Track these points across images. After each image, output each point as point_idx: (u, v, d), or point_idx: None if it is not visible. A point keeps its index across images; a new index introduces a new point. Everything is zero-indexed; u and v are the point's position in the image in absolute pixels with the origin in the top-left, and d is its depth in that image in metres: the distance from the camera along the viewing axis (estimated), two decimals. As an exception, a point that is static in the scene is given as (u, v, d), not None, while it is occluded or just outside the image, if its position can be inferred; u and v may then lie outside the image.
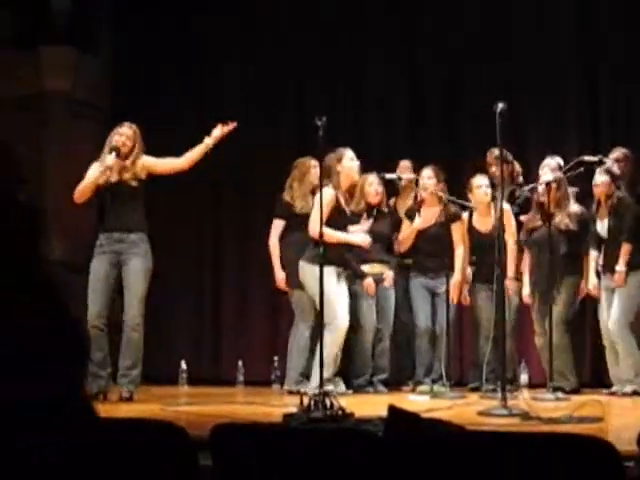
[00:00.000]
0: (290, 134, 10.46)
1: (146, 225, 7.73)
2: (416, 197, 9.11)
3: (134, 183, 7.60)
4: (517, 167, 9.00)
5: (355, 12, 10.51)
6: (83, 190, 7.59)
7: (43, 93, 10.46)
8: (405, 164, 9.36)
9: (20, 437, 0.83)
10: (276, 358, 9.44)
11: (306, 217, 8.25)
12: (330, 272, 7.65)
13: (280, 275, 8.82)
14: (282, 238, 8.85)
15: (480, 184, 8.66)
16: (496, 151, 8.75)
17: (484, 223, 8.69)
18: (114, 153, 7.54)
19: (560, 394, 7.72)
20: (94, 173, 7.58)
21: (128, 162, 7.61)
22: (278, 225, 8.86)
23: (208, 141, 7.71)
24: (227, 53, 10.81)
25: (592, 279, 8.41)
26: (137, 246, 7.60)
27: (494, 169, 8.67)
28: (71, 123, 10.46)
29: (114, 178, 7.58)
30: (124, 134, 7.67)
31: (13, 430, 0.82)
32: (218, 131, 7.73)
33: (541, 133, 9.74)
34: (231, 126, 7.70)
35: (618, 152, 8.60)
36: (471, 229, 8.79)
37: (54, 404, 0.85)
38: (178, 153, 10.68)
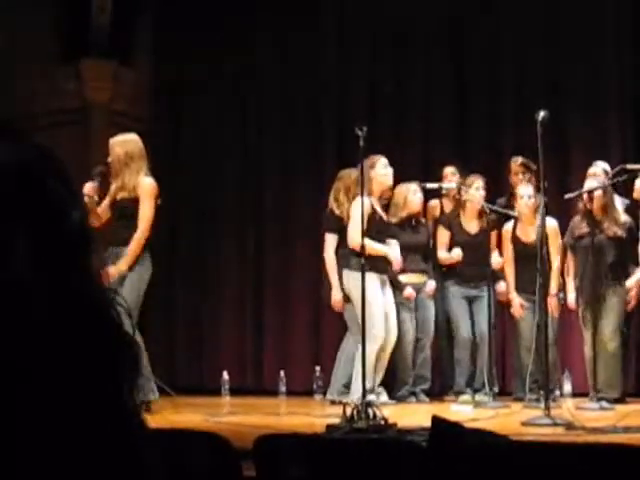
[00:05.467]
0: (331, 142, 10.46)
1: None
2: (457, 204, 9.06)
3: (125, 202, 7.47)
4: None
5: (399, 22, 10.49)
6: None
7: (85, 105, 10.59)
8: (449, 170, 9.27)
9: (70, 446, 0.83)
10: (318, 368, 9.43)
11: None
12: (373, 279, 7.64)
13: (338, 295, 8.42)
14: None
15: (523, 194, 8.58)
16: (520, 159, 8.80)
17: (528, 233, 8.60)
18: (95, 178, 7.47)
19: (604, 403, 7.65)
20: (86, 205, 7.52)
21: (119, 181, 7.52)
22: (331, 239, 8.53)
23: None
24: (268, 64, 10.84)
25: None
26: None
27: (516, 178, 8.76)
28: (112, 134, 10.55)
29: (112, 197, 7.55)
30: (109, 154, 7.58)
31: (64, 441, 0.83)
32: None
33: (584, 141, 9.67)
34: None
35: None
36: (514, 238, 8.72)
37: (104, 416, 0.86)
38: (215, 164, 10.81)
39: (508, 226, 8.74)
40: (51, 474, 0.80)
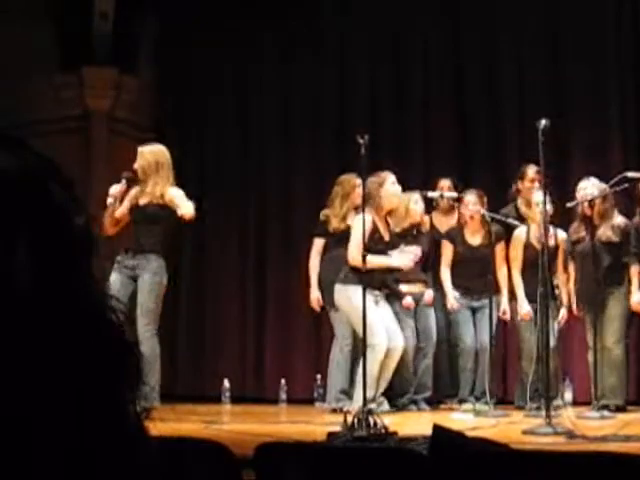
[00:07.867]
0: (331, 143, 10.46)
1: (161, 247, 7.68)
2: (459, 219, 9.06)
3: (150, 208, 7.60)
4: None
5: (401, 27, 10.49)
6: (107, 225, 7.59)
7: (86, 113, 10.60)
8: (445, 183, 9.30)
9: (70, 449, 0.83)
10: (319, 376, 9.42)
11: (342, 235, 8.28)
12: (367, 294, 7.59)
13: (315, 294, 8.83)
14: (322, 256, 8.84)
15: (537, 201, 8.55)
16: (535, 167, 8.76)
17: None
18: (123, 181, 7.65)
19: (606, 412, 7.63)
20: (108, 207, 7.65)
21: (148, 187, 7.63)
22: (317, 244, 8.84)
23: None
24: (269, 69, 10.85)
25: (636, 293, 8.30)
26: (149, 262, 7.59)
27: (530, 185, 8.72)
28: (113, 142, 10.57)
29: (134, 202, 7.67)
30: (137, 161, 7.73)
31: (64, 445, 0.83)
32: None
33: (585, 150, 9.66)
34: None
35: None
36: (527, 245, 8.65)
37: (105, 420, 0.86)
38: (215, 164, 10.82)
39: (520, 232, 8.68)
40: (50, 476, 0.80)
